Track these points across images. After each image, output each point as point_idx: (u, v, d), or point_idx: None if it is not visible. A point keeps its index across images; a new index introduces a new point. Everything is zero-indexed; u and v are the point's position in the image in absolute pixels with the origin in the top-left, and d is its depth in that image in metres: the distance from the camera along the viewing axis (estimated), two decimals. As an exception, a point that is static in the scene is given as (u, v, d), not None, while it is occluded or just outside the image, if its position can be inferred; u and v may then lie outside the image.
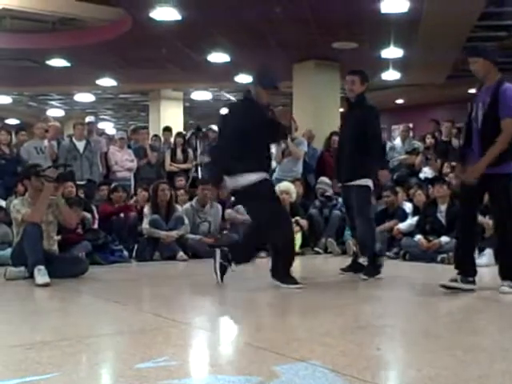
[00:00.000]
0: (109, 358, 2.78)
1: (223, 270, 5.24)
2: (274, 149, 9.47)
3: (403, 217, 8.40)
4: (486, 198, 5.29)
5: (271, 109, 5.54)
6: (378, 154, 6.35)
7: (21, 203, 5.88)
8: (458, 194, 7.89)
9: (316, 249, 8.74)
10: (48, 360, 2.70)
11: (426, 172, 10.12)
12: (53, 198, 5.93)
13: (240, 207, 8.41)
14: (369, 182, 5.89)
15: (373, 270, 5.80)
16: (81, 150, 9.48)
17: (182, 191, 9.12)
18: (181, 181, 9.76)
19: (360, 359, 2.74)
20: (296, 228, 8.00)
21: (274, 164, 9.41)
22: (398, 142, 11.70)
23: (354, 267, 6.14)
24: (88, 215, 7.61)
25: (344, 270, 6.17)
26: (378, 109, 6.14)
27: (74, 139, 9.63)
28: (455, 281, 4.94)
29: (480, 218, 5.74)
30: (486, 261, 6.57)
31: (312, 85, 12.85)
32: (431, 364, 2.67)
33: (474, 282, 4.94)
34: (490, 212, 5.36)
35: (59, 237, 6.31)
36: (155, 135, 12.22)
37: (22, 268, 5.63)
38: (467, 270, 4.96)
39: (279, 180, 9.45)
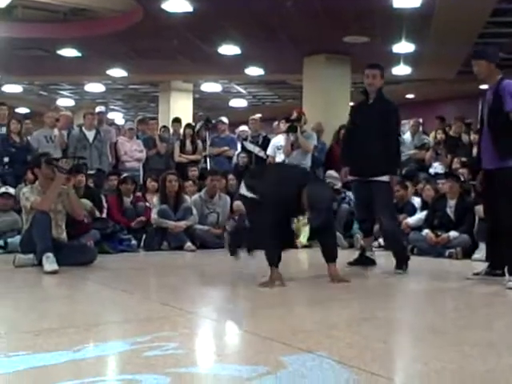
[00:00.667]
0: (116, 346, 2.79)
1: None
2: (282, 141, 9.48)
3: (412, 211, 8.40)
4: None
5: None
6: (399, 151, 6.33)
7: (30, 191, 5.91)
8: (468, 189, 7.95)
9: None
10: (56, 347, 2.72)
11: (436, 167, 10.10)
12: (63, 188, 5.96)
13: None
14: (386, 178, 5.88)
15: (405, 262, 5.82)
16: (90, 139, 9.50)
17: (190, 182, 9.13)
18: (194, 171, 9.78)
19: (366, 351, 2.75)
20: (304, 221, 7.99)
21: (282, 156, 9.42)
22: (407, 136, 11.66)
23: (362, 261, 6.16)
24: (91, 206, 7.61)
25: (351, 263, 6.17)
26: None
27: (83, 129, 9.65)
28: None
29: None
30: (482, 255, 6.53)
31: (322, 78, 12.82)
32: (437, 358, 2.67)
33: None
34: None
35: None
36: (164, 126, 12.23)
37: (31, 255, 5.66)
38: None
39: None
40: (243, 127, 11.43)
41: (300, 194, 4.65)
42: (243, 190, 5.09)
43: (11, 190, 7.70)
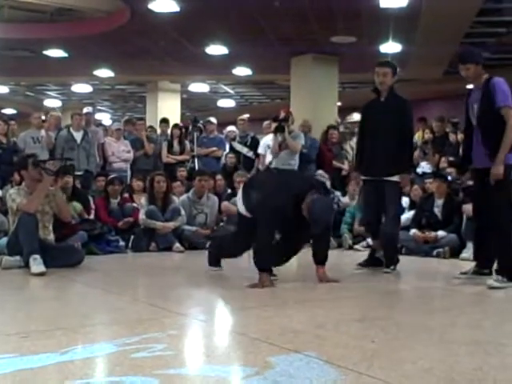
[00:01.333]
0: (104, 348, 2.78)
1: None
2: (270, 141, 9.48)
3: (400, 212, 8.39)
4: None
5: None
6: (412, 149, 6.28)
7: (17, 192, 5.87)
8: (456, 189, 7.98)
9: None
10: (43, 349, 2.70)
11: (424, 167, 10.12)
12: (50, 189, 5.92)
13: (236, 199, 8.41)
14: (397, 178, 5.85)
15: (394, 263, 5.85)
16: (78, 140, 9.44)
17: (178, 183, 9.12)
18: (182, 171, 9.78)
19: (355, 351, 2.75)
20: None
21: (270, 157, 9.42)
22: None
23: (372, 262, 6.11)
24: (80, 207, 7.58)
25: (362, 264, 6.11)
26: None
27: (71, 129, 9.60)
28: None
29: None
30: (470, 254, 6.54)
31: (310, 78, 12.85)
32: (426, 357, 2.68)
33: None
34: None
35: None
36: (150, 126, 12.21)
37: (18, 257, 5.63)
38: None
39: (276, 172, 9.44)
40: (231, 127, 11.42)
41: (299, 203, 4.65)
42: (241, 207, 5.09)
43: (-4, 191, 7.68)
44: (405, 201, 8.70)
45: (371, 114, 6.02)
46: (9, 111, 20.13)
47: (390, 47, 12.04)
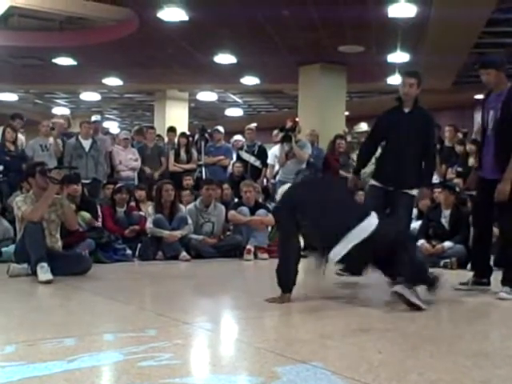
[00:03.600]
0: (111, 356, 2.78)
1: None
2: (277, 151, 9.49)
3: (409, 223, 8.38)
4: None
5: None
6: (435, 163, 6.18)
7: (23, 200, 5.88)
8: (464, 200, 7.95)
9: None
10: (50, 357, 2.71)
11: (432, 177, 10.10)
12: (57, 197, 5.94)
13: (243, 209, 8.42)
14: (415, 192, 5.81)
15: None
16: (87, 148, 9.48)
17: (187, 192, 9.14)
18: (189, 180, 9.79)
19: (361, 362, 2.74)
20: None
21: (277, 166, 9.42)
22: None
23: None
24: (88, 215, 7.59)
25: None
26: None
27: (80, 137, 9.64)
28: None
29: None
30: None
31: (318, 88, 12.88)
32: (433, 368, 2.67)
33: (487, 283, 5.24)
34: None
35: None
36: (158, 135, 12.24)
37: (25, 265, 5.63)
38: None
39: (282, 182, 9.45)
40: (237, 136, 11.45)
41: None
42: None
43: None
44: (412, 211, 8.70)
45: (394, 123, 5.86)
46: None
47: (398, 57, 12.06)
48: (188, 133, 11.90)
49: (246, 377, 2.49)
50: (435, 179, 9.87)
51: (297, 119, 10.60)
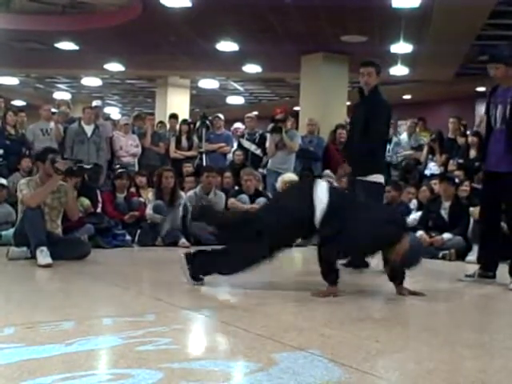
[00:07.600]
0: (109, 340, 2.79)
1: None
2: (267, 141, 9.52)
3: (406, 212, 8.39)
4: None
5: None
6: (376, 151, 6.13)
7: (26, 183, 5.88)
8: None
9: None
10: (48, 340, 2.71)
11: (431, 168, 10.10)
12: (63, 184, 5.94)
13: (243, 197, 8.42)
14: (379, 178, 5.84)
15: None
16: (89, 134, 9.49)
17: (191, 178, 9.15)
18: (188, 167, 9.80)
19: (359, 350, 2.75)
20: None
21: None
22: (404, 137, 11.68)
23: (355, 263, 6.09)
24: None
25: (345, 265, 6.09)
26: (390, 104, 6.04)
27: (82, 123, 9.63)
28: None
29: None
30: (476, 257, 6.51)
31: (320, 77, 12.84)
32: (430, 358, 2.68)
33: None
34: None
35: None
36: (161, 122, 12.22)
37: (25, 248, 5.65)
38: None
39: (271, 171, 9.48)
40: (237, 124, 11.44)
41: None
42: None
43: (2, 181, 7.69)
44: (413, 202, 8.71)
45: (354, 113, 6.18)
46: (18, 103, 20.18)
47: (401, 47, 12.02)
48: (189, 120, 11.89)
49: (243, 362, 2.49)
50: (435, 170, 9.90)
51: (286, 108, 10.56)
